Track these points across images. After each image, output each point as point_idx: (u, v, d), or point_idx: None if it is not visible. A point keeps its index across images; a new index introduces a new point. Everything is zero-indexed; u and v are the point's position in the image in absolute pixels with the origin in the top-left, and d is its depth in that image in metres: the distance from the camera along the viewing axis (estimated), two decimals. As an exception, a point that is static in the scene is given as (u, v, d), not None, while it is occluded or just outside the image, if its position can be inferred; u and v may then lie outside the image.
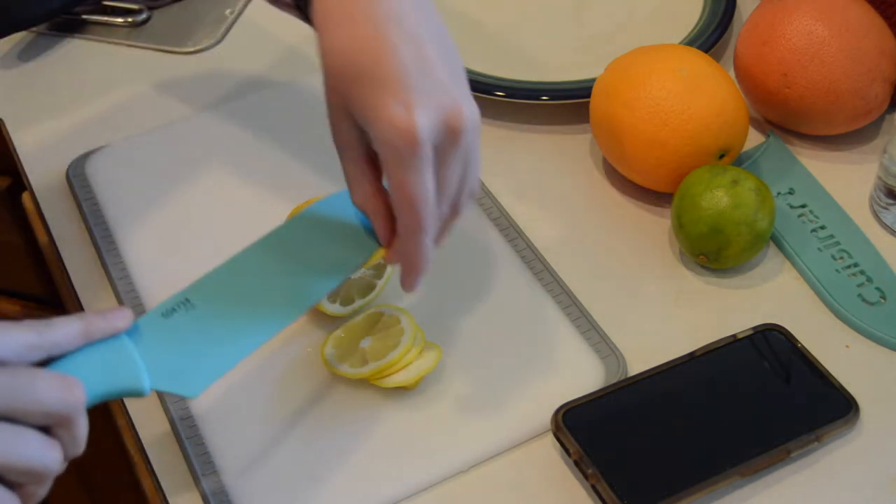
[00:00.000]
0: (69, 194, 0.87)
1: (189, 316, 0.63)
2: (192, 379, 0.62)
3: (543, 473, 0.68)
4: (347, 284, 0.75)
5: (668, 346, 0.73)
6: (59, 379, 0.55)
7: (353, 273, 0.71)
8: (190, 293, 0.63)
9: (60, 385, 0.55)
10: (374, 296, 0.76)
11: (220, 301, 0.64)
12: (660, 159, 0.80)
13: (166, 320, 0.62)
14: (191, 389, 0.62)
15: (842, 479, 0.67)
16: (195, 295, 0.63)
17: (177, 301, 0.63)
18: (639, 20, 0.99)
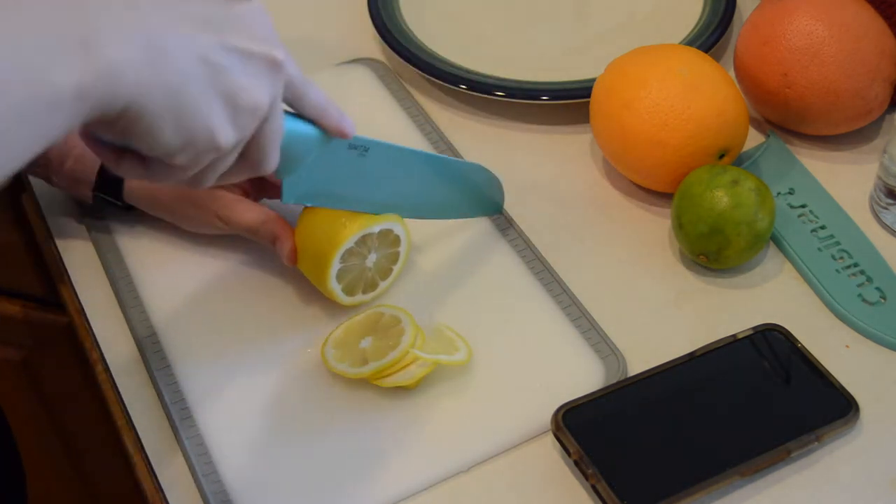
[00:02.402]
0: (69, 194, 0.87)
1: (353, 159, 0.70)
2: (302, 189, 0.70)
3: (543, 473, 0.68)
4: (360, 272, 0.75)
5: (668, 346, 0.73)
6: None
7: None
8: (373, 146, 0.71)
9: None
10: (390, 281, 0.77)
11: (382, 166, 0.72)
12: (660, 159, 0.80)
13: (348, 150, 0.70)
14: (289, 195, 0.70)
15: (842, 479, 0.67)
16: (375, 149, 0.71)
17: (361, 143, 0.70)
18: (639, 20, 0.99)
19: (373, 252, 0.74)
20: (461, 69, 0.93)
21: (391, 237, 0.75)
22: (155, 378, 0.73)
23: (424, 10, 1.00)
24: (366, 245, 0.74)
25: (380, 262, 0.75)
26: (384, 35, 0.97)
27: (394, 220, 0.75)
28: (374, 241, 0.74)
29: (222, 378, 0.73)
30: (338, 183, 0.71)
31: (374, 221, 0.74)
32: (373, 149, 0.71)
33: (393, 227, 0.75)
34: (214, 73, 0.54)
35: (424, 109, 0.92)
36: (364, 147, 0.71)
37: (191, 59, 0.52)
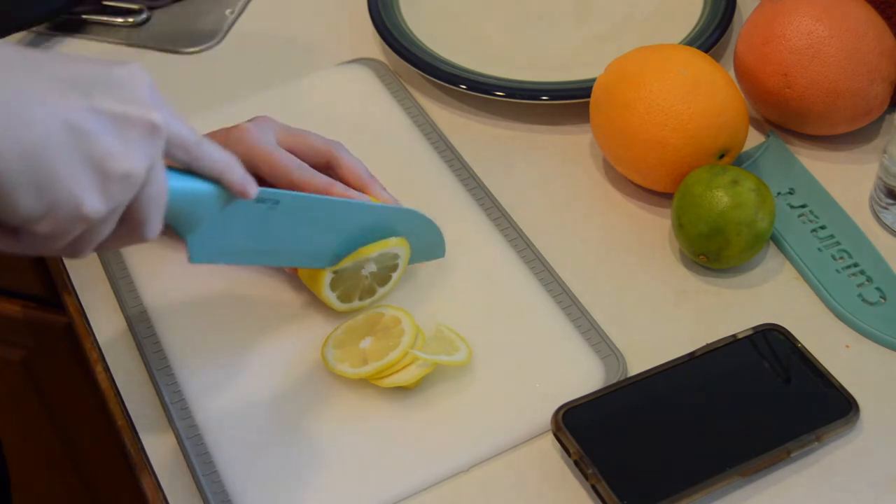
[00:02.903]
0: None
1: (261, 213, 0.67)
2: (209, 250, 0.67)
3: (543, 473, 0.68)
4: (356, 280, 0.75)
5: (668, 346, 0.73)
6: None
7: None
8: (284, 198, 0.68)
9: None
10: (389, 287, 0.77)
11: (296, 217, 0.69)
12: (660, 159, 0.80)
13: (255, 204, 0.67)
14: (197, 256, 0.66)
15: (842, 479, 0.67)
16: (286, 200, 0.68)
17: (271, 195, 0.67)
18: (639, 20, 0.99)
19: (371, 263, 0.74)
20: (461, 69, 0.93)
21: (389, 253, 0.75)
22: (155, 378, 0.73)
23: (424, 10, 1.00)
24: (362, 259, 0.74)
25: (378, 272, 0.75)
26: (384, 35, 0.97)
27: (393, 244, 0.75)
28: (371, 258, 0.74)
29: (222, 378, 0.73)
30: (250, 238, 0.68)
31: (371, 250, 0.74)
32: (284, 201, 0.68)
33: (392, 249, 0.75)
34: (80, 138, 0.52)
35: (424, 109, 0.92)
36: (274, 200, 0.68)
37: (54, 123, 0.51)
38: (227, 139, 0.75)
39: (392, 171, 0.84)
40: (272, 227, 0.69)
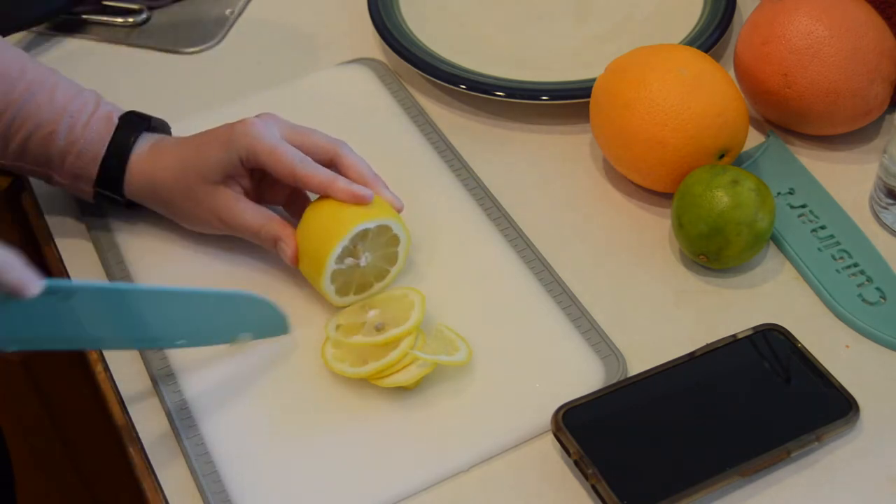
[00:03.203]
0: (69, 194, 0.87)
1: (57, 305, 0.64)
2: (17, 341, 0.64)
3: (543, 473, 0.68)
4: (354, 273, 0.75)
5: (668, 346, 0.73)
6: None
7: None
8: (80, 292, 0.65)
9: None
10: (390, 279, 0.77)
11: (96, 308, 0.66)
12: (660, 159, 0.80)
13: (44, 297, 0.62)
14: (7, 345, 0.63)
15: (842, 479, 0.67)
16: (84, 293, 0.65)
17: (60, 287, 0.64)
18: (639, 20, 0.99)
19: (367, 252, 0.74)
20: (461, 69, 0.93)
21: (388, 236, 0.75)
22: (155, 378, 0.73)
23: (424, 10, 1.00)
24: (363, 242, 0.74)
25: (375, 262, 0.75)
26: (384, 35, 0.96)
27: (392, 218, 0.75)
28: (371, 238, 0.74)
29: (222, 377, 0.73)
30: (48, 327, 0.65)
31: (368, 217, 0.73)
32: (80, 293, 0.65)
33: (391, 224, 0.75)
34: None
35: (424, 109, 0.92)
36: (66, 293, 0.65)
37: None
38: (231, 132, 0.76)
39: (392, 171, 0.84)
40: (72, 317, 0.66)
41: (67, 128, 0.78)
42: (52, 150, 0.79)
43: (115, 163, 0.79)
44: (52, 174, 0.80)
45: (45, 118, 0.78)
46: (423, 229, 0.82)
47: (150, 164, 0.79)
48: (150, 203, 0.81)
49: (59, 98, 0.79)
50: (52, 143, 0.78)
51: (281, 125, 0.77)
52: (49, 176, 0.81)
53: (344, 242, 0.73)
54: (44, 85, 0.79)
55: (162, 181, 0.78)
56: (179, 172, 0.78)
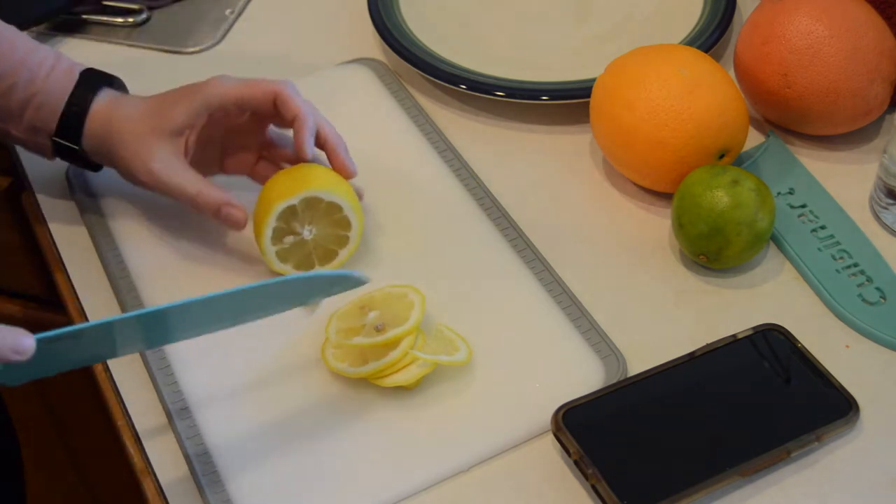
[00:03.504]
0: (69, 194, 0.87)
1: (69, 344, 0.62)
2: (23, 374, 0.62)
3: (543, 473, 0.68)
4: (304, 248, 0.75)
5: (668, 346, 0.73)
6: None
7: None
8: (86, 329, 0.63)
9: None
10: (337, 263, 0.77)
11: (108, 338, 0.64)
12: (660, 159, 0.80)
13: (47, 345, 0.61)
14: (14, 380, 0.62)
15: (842, 479, 0.67)
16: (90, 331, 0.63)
17: (69, 332, 0.62)
18: (639, 20, 0.99)
19: (311, 224, 0.75)
20: (461, 69, 0.93)
21: (338, 217, 0.75)
22: (155, 378, 0.73)
23: (424, 10, 1.00)
24: (309, 210, 0.74)
25: (321, 241, 0.75)
26: (384, 35, 0.97)
27: (346, 197, 0.75)
28: (319, 212, 0.75)
29: (222, 377, 0.73)
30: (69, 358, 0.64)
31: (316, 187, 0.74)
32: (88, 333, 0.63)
33: (342, 204, 0.75)
34: None
35: (424, 109, 0.92)
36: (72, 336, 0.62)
37: None
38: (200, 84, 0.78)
39: (392, 171, 0.84)
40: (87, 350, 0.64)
41: (27, 80, 0.78)
42: (11, 102, 0.78)
43: (75, 112, 0.79)
44: (9, 128, 0.80)
45: (3, 70, 0.78)
46: (423, 229, 0.82)
47: (109, 112, 0.79)
48: (100, 152, 0.80)
49: (20, 51, 0.79)
50: (11, 95, 0.78)
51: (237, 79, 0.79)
52: (6, 131, 0.80)
53: (272, 224, 0.74)
54: (1, 38, 0.79)
55: (118, 129, 0.78)
56: (137, 120, 0.78)
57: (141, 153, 0.77)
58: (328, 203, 0.75)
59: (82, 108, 0.79)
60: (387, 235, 0.82)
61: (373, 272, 0.79)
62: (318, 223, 0.76)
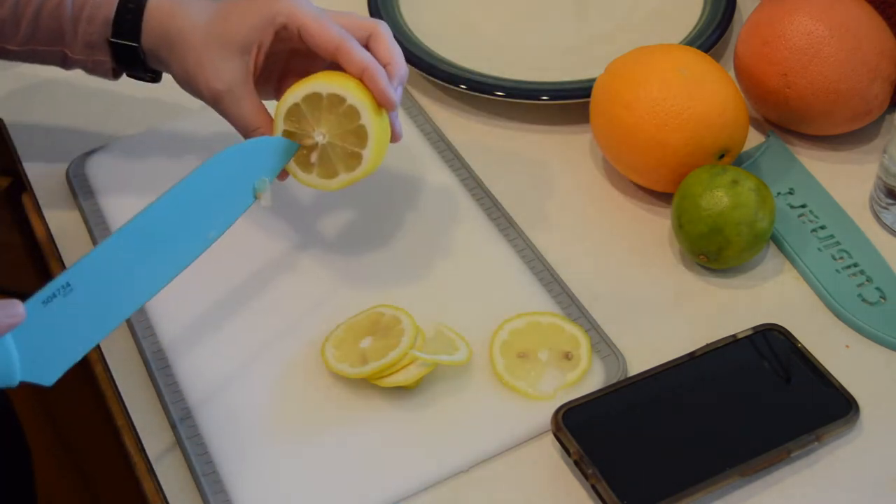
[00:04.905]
0: (69, 194, 0.87)
1: (66, 301, 0.62)
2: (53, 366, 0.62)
3: (543, 473, 0.68)
4: (328, 153, 0.72)
5: (668, 346, 0.73)
6: None
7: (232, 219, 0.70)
8: (70, 276, 0.62)
9: None
10: (362, 172, 0.72)
11: (98, 280, 0.63)
12: (660, 159, 0.80)
13: (45, 307, 0.61)
14: (48, 377, 0.62)
15: (842, 479, 0.67)
16: (75, 277, 0.62)
17: (57, 286, 0.61)
18: (639, 20, 0.99)
19: (321, 127, 0.72)
20: (461, 69, 0.93)
21: (344, 109, 0.71)
22: (155, 377, 0.73)
23: (424, 10, 1.00)
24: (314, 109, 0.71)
25: (339, 142, 0.72)
26: (384, 35, 0.96)
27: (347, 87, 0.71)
28: (322, 109, 0.71)
29: (222, 378, 0.73)
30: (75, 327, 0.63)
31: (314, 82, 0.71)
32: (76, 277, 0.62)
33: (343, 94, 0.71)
34: None
35: (424, 109, 0.92)
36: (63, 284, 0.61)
37: None
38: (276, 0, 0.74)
39: (391, 171, 0.84)
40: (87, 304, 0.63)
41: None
42: (63, 20, 0.76)
43: (130, 9, 0.76)
44: (65, 50, 0.78)
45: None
46: (423, 229, 0.82)
47: (171, 7, 0.75)
48: (158, 54, 0.77)
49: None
50: (62, 12, 0.76)
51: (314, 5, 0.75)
52: (63, 55, 0.78)
53: (280, 128, 0.72)
54: None
55: (179, 26, 0.75)
56: (203, 24, 0.74)
57: (205, 65, 0.74)
58: (329, 96, 0.71)
59: (138, 4, 0.76)
60: (387, 235, 0.82)
61: (373, 272, 0.79)
62: (325, 122, 0.72)
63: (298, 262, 0.80)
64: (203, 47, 0.74)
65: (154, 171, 0.88)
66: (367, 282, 0.78)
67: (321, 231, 0.82)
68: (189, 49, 0.75)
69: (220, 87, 0.74)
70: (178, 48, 0.75)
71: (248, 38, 0.73)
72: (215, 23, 0.74)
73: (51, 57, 0.79)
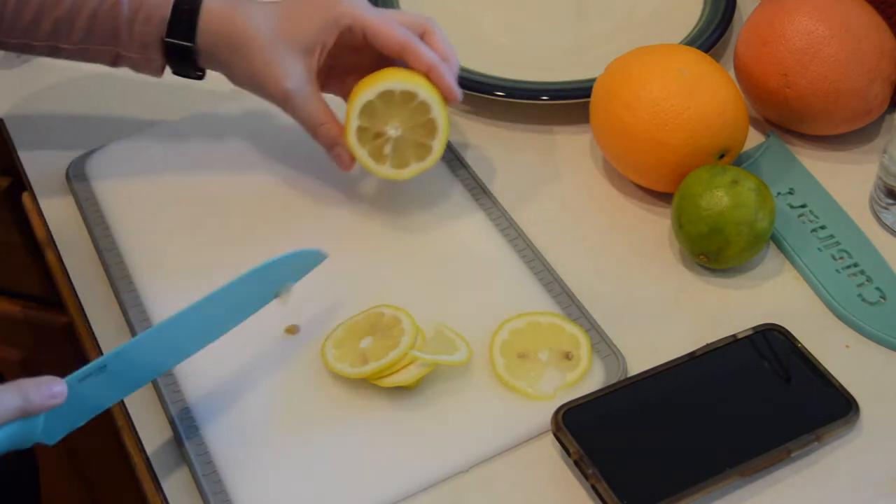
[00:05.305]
0: (69, 194, 0.87)
1: (97, 380, 0.64)
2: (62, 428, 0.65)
3: (543, 473, 0.68)
4: (400, 145, 0.77)
5: (668, 346, 0.73)
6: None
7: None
8: (108, 359, 0.65)
9: None
10: (431, 161, 0.78)
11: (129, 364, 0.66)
12: (660, 159, 0.80)
13: (79, 384, 0.63)
14: (54, 438, 0.65)
15: (842, 479, 0.67)
16: (111, 361, 0.65)
17: (93, 368, 0.64)
18: (639, 20, 0.99)
19: (394, 121, 0.76)
20: (461, 69, 0.93)
21: (416, 104, 0.76)
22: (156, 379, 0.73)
23: (424, 10, 1.00)
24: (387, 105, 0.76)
25: (411, 136, 0.77)
26: (384, 35, 0.96)
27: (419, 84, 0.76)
28: (395, 104, 0.76)
29: (223, 378, 0.73)
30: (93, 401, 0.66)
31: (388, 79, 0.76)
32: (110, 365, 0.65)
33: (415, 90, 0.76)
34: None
35: (424, 109, 0.92)
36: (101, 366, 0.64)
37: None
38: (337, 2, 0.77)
39: (392, 171, 0.84)
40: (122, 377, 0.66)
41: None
42: (119, 20, 0.78)
43: (186, 10, 0.77)
44: (119, 50, 0.79)
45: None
46: (423, 229, 0.82)
47: (230, 12, 0.78)
48: (216, 54, 0.79)
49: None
50: (118, 12, 0.78)
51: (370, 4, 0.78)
52: (116, 54, 0.80)
53: (354, 123, 0.76)
54: None
55: (241, 28, 0.77)
56: (268, 27, 0.77)
57: (273, 66, 0.77)
58: (402, 93, 0.76)
59: (193, 5, 0.77)
60: (386, 236, 0.82)
61: (373, 272, 0.79)
62: (398, 116, 0.76)
63: (298, 262, 0.80)
64: (270, 49, 0.77)
65: (154, 171, 0.88)
66: (367, 282, 0.78)
67: (321, 231, 0.82)
68: (255, 51, 0.77)
69: (291, 87, 0.77)
70: (243, 49, 0.77)
71: (313, 39, 0.76)
72: (280, 25, 0.77)
73: (103, 56, 0.80)
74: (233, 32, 0.77)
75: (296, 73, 0.77)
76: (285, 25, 0.77)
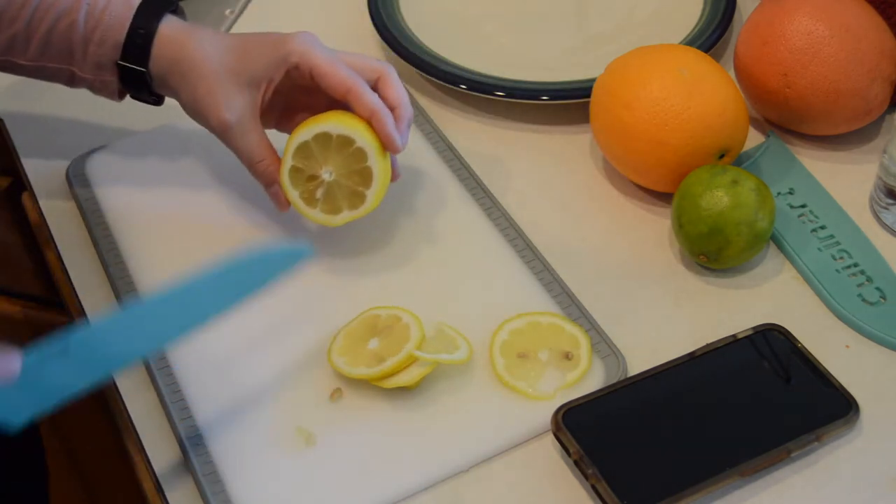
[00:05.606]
0: (69, 194, 0.87)
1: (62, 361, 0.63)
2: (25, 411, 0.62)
3: (543, 473, 0.68)
4: (333, 190, 0.75)
5: (668, 346, 0.73)
6: None
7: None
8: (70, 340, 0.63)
9: None
10: (364, 210, 0.75)
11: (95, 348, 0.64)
12: (660, 159, 0.80)
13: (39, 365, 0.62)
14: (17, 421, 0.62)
15: (842, 479, 0.67)
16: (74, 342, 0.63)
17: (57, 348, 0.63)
18: (639, 20, 0.99)
19: (328, 164, 0.74)
20: (461, 69, 0.93)
21: (352, 150, 0.74)
22: (155, 378, 0.73)
23: (424, 10, 1.00)
24: (323, 148, 0.74)
25: (345, 182, 0.75)
26: (384, 35, 0.97)
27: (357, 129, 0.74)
28: (331, 149, 0.74)
29: (223, 377, 0.73)
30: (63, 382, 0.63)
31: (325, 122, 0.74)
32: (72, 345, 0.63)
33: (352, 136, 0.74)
34: None
35: (424, 109, 0.92)
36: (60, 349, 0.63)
37: None
38: (286, 37, 0.76)
39: (392, 171, 0.84)
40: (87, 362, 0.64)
41: (86, 14, 0.77)
42: (74, 39, 0.77)
43: (141, 34, 0.77)
44: (74, 69, 0.79)
45: (64, 7, 0.77)
46: (423, 229, 0.82)
47: (183, 38, 0.77)
48: (167, 81, 0.78)
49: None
50: (73, 32, 0.77)
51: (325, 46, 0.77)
52: (71, 73, 0.79)
53: (288, 163, 0.75)
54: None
55: (191, 54, 0.77)
56: (217, 56, 0.76)
57: (216, 94, 0.76)
58: (338, 137, 0.74)
59: (148, 30, 0.77)
60: (386, 235, 0.82)
61: (373, 272, 0.79)
62: (333, 161, 0.75)
63: (298, 262, 0.80)
64: (215, 78, 0.76)
65: (154, 171, 0.88)
66: (367, 282, 0.78)
67: (321, 231, 0.82)
68: (200, 78, 0.76)
69: (230, 118, 0.76)
70: (190, 76, 0.77)
71: (260, 73, 0.76)
72: (229, 57, 0.76)
73: (59, 74, 0.80)
74: (183, 58, 0.77)
75: (237, 105, 0.76)
76: (235, 57, 0.76)
